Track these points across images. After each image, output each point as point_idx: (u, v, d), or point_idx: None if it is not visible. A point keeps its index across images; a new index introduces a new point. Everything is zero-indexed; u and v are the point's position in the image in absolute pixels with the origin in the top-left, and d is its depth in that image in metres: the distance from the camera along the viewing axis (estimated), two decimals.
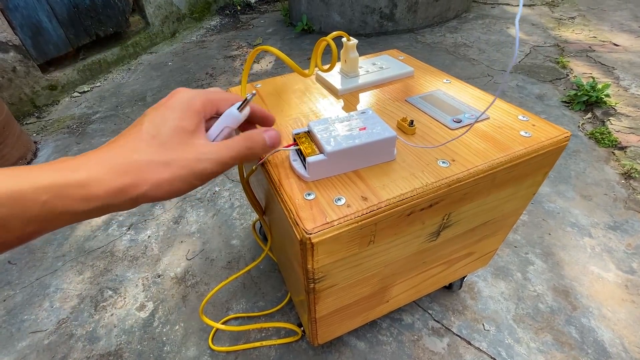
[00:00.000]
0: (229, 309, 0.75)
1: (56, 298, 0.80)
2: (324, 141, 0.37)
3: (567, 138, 0.44)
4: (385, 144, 0.38)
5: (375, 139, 0.37)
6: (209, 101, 0.29)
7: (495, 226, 0.54)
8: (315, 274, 0.37)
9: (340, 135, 0.37)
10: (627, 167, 1.00)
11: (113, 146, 0.24)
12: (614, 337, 0.64)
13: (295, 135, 0.40)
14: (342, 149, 0.36)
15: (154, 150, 0.24)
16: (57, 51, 1.76)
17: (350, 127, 0.39)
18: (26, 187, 0.19)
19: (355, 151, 0.37)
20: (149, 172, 0.23)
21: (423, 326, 0.69)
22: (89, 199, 0.21)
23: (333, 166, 0.38)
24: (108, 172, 0.22)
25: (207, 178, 0.26)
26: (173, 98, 0.28)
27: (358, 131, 0.38)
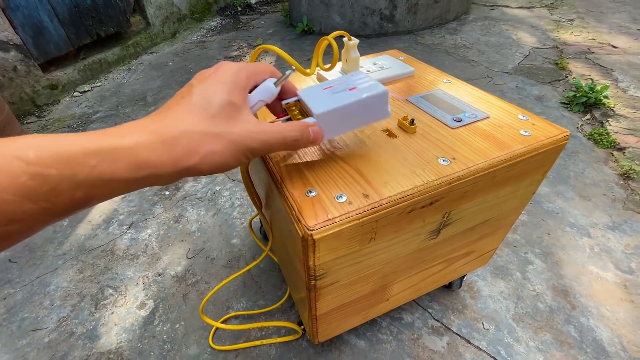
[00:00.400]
0: (230, 307, 0.75)
1: (57, 296, 0.81)
2: (312, 105, 0.35)
3: (566, 137, 0.44)
4: (376, 100, 0.36)
5: (365, 96, 0.35)
6: (252, 74, 0.29)
7: (495, 225, 0.54)
8: (317, 270, 0.38)
9: (329, 98, 0.36)
10: (626, 167, 1.01)
11: (161, 116, 0.24)
12: (612, 336, 0.65)
13: (285, 104, 0.38)
14: (330, 109, 0.34)
15: (205, 122, 0.24)
16: (58, 51, 1.77)
17: (339, 89, 0.37)
18: (75, 150, 0.19)
19: (346, 111, 0.35)
20: (201, 144, 0.23)
21: (423, 325, 0.69)
22: (139, 166, 0.21)
23: (325, 128, 0.35)
24: (158, 141, 0.22)
25: (253, 156, 0.26)
26: (220, 71, 0.27)
27: (347, 91, 0.36)
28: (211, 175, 0.34)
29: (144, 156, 0.21)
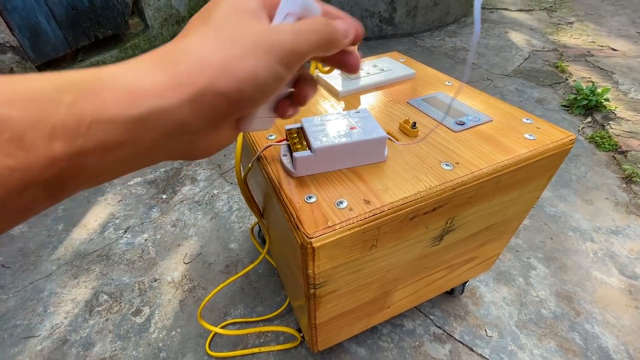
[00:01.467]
0: (227, 314, 0.74)
1: (50, 303, 0.79)
2: (312, 137, 0.37)
3: (572, 141, 0.43)
4: (374, 144, 0.38)
5: (363, 139, 0.37)
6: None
7: (498, 230, 0.53)
8: (316, 279, 0.36)
9: (330, 133, 0.37)
10: (628, 171, 1.00)
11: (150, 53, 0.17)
12: (618, 344, 0.63)
13: (287, 130, 0.40)
14: (328, 146, 0.36)
15: (208, 32, 0.18)
16: (56, 53, 1.76)
17: (341, 126, 0.38)
18: (43, 84, 0.13)
19: (343, 149, 0.37)
20: (209, 52, 0.16)
21: (424, 332, 0.67)
22: (131, 97, 0.14)
23: (320, 163, 0.37)
24: (152, 60, 0.16)
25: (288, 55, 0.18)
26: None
27: (348, 130, 0.38)
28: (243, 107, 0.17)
29: (136, 81, 0.15)
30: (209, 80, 0.16)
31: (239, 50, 0.17)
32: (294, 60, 0.18)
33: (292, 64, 0.18)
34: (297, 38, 0.18)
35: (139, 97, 0.14)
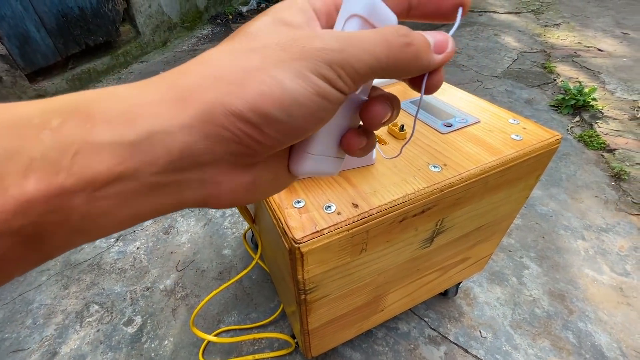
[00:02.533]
0: (221, 321, 0.73)
1: (40, 314, 0.77)
2: None
3: (558, 141, 0.43)
4: None
5: None
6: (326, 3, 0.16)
7: (489, 230, 0.53)
8: (306, 284, 0.36)
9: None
10: (617, 169, 1.02)
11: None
12: (611, 341, 0.64)
13: None
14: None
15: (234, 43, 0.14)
16: (46, 61, 1.74)
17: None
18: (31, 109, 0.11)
19: None
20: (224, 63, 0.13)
21: (419, 335, 0.67)
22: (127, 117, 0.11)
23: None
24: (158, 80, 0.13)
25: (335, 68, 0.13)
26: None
27: None
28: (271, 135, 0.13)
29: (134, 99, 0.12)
30: (218, 96, 0.12)
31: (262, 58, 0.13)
32: (345, 76, 0.13)
33: (344, 82, 0.13)
34: (351, 47, 0.13)
35: (136, 117, 0.11)
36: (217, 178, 0.14)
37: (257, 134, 0.13)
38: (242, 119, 0.12)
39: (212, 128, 0.12)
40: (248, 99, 0.12)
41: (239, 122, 0.12)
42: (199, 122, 0.12)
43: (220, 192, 0.14)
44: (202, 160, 0.12)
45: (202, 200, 0.14)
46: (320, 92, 0.13)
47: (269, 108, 0.12)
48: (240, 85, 0.12)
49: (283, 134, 0.13)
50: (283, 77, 0.12)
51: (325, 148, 0.17)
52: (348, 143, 0.17)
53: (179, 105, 0.12)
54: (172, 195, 0.13)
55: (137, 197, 0.12)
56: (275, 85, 0.12)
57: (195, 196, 0.14)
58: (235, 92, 0.12)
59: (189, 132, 0.12)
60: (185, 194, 0.13)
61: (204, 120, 0.12)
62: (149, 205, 0.12)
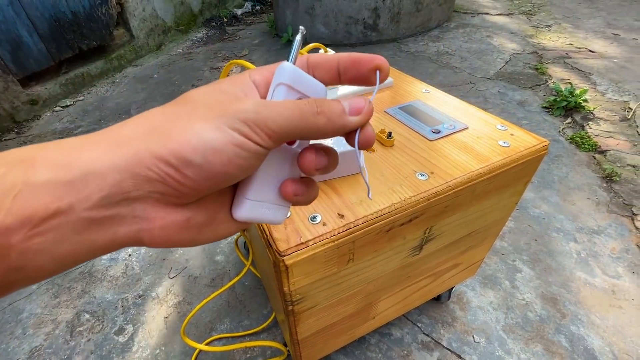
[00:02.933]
0: (213, 329, 0.72)
1: (29, 324, 0.76)
2: None
3: (545, 147, 0.43)
4: (348, 156, 0.37)
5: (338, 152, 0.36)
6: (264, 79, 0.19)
7: (479, 236, 0.53)
8: (293, 295, 0.36)
9: None
10: (608, 170, 1.02)
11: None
12: (603, 345, 0.64)
13: None
14: None
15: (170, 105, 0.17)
16: (39, 65, 1.73)
17: None
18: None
19: None
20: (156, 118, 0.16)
21: (412, 340, 0.67)
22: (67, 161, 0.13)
23: None
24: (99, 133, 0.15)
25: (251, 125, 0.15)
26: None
27: (322, 142, 0.37)
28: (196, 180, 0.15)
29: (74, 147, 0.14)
30: (147, 144, 0.14)
31: (189, 115, 0.15)
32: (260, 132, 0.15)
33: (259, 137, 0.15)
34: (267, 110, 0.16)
35: (74, 160, 0.13)
36: (148, 214, 0.15)
37: (178, 175, 0.14)
38: (165, 161, 0.14)
39: (140, 169, 0.14)
40: (170, 146, 0.14)
41: (162, 164, 0.14)
42: (128, 163, 0.14)
43: (153, 227, 0.16)
44: (132, 196, 0.14)
45: (135, 236, 0.15)
46: (235, 143, 0.15)
47: (188, 153, 0.14)
48: (166, 135, 0.15)
49: (203, 177, 0.15)
50: (202, 129, 0.15)
51: (265, 195, 0.19)
52: (284, 190, 0.19)
53: (113, 150, 0.14)
54: (106, 232, 0.14)
55: (73, 233, 0.13)
56: (194, 135, 0.15)
57: (128, 232, 0.15)
58: (161, 140, 0.14)
59: (119, 171, 0.14)
60: (119, 230, 0.15)
61: (133, 163, 0.14)
62: (85, 243, 0.14)
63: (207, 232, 0.18)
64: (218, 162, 0.15)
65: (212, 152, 0.15)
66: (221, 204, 0.18)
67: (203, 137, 0.15)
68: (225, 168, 0.15)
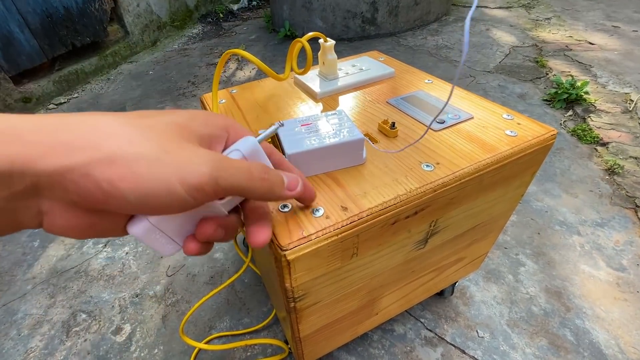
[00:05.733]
0: (212, 327, 0.71)
1: (24, 325, 0.75)
2: (286, 142, 0.35)
3: (553, 136, 0.42)
4: (351, 147, 0.36)
5: (340, 142, 0.35)
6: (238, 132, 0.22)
7: (485, 229, 0.52)
8: (295, 292, 0.34)
9: (304, 137, 0.35)
10: (610, 162, 1.01)
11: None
12: (609, 338, 0.63)
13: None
14: (303, 151, 0.34)
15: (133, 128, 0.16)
16: (31, 62, 1.70)
17: (316, 129, 0.37)
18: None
19: (319, 154, 0.35)
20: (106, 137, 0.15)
21: (415, 336, 0.66)
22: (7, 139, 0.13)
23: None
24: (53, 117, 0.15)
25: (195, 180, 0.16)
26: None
27: (324, 132, 0.36)
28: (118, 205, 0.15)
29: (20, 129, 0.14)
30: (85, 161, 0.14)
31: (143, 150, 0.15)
32: (205, 187, 0.16)
33: (200, 192, 0.16)
34: (219, 165, 0.17)
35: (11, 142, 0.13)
36: (53, 211, 0.15)
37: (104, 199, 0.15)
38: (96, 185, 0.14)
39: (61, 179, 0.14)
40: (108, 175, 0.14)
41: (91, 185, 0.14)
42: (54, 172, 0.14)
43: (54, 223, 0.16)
44: (43, 195, 0.15)
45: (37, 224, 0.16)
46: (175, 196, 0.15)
47: (125, 190, 0.14)
48: (109, 160, 0.14)
49: (126, 208, 0.15)
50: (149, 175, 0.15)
51: (166, 226, 0.19)
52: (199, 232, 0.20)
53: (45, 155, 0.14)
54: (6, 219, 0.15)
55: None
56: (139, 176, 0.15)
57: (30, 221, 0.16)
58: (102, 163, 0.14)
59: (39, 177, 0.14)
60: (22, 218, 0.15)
61: (58, 173, 0.14)
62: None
63: (106, 234, 0.18)
64: (148, 206, 0.15)
65: (147, 198, 0.15)
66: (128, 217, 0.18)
67: (146, 185, 0.15)
68: (153, 211, 0.16)
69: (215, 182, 0.16)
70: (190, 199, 0.16)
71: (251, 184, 0.18)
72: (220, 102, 0.54)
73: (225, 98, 0.56)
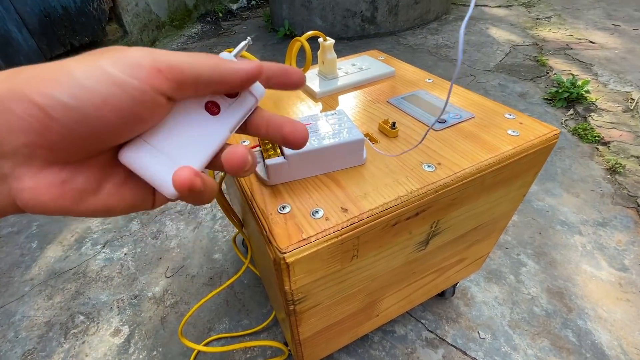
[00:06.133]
0: (211, 329, 0.70)
1: (22, 327, 0.74)
2: None
3: (556, 136, 0.41)
4: (351, 147, 0.35)
5: (339, 142, 0.34)
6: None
7: (486, 230, 0.51)
8: (294, 295, 0.34)
9: None
10: (612, 162, 1.01)
11: None
12: (611, 339, 0.62)
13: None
14: (303, 151, 0.33)
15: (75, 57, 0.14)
16: (29, 62, 1.69)
17: (316, 128, 0.36)
18: None
19: (319, 154, 0.34)
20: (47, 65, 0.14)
21: (416, 337, 0.65)
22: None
23: (295, 170, 0.35)
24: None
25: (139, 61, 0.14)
26: None
27: (324, 133, 0.35)
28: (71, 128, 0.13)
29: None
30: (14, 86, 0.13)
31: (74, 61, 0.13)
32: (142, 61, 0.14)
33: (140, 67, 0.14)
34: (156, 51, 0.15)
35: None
36: (18, 172, 0.14)
37: (44, 117, 0.13)
38: (31, 102, 0.12)
39: (3, 116, 0.12)
40: (37, 86, 0.13)
41: (28, 107, 0.12)
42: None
43: (23, 188, 0.14)
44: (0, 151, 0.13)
45: (8, 199, 0.14)
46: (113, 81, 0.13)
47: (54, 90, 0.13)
48: (38, 78, 0.13)
49: (73, 119, 0.13)
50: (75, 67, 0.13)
51: (170, 146, 0.16)
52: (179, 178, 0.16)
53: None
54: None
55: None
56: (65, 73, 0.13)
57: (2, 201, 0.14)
58: (31, 82, 0.13)
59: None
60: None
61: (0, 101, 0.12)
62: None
63: (90, 202, 0.15)
64: (91, 103, 0.13)
65: (82, 90, 0.13)
66: (108, 173, 0.16)
67: (74, 74, 0.13)
68: (98, 111, 0.13)
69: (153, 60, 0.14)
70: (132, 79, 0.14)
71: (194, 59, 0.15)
72: None
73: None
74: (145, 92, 0.14)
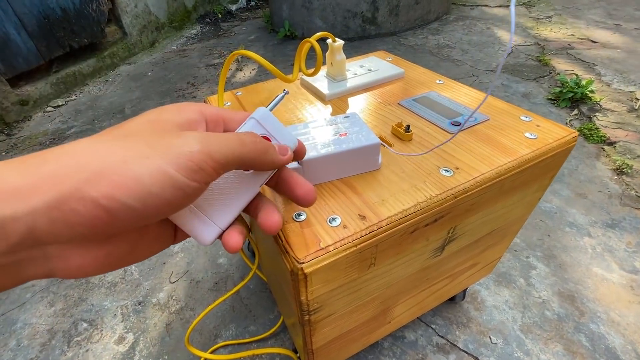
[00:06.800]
0: (218, 336, 0.69)
1: (24, 335, 0.73)
2: None
3: (574, 138, 0.40)
4: (367, 152, 0.34)
5: (355, 147, 0.33)
6: (215, 113, 0.21)
7: (500, 234, 0.50)
8: (310, 305, 0.33)
9: (318, 142, 0.34)
10: (619, 162, 1.00)
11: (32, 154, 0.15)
12: (625, 343, 0.61)
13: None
14: (317, 156, 0.32)
15: (104, 137, 0.16)
16: (28, 64, 1.67)
17: (330, 133, 0.35)
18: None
19: (333, 159, 0.33)
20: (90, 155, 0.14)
21: (427, 343, 0.64)
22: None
23: (309, 175, 0.34)
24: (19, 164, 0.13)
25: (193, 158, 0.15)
26: None
27: (338, 137, 0.34)
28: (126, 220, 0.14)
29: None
30: (75, 185, 0.13)
31: (125, 151, 0.14)
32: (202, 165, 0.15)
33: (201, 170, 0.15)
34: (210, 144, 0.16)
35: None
36: (63, 254, 0.14)
37: (109, 218, 0.13)
38: (98, 206, 0.13)
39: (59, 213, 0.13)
40: (107, 189, 0.13)
41: (94, 209, 0.13)
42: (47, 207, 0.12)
43: (69, 265, 0.15)
44: (45, 241, 0.13)
45: (47, 273, 0.15)
46: (176, 185, 0.15)
47: (123, 197, 0.13)
48: (101, 176, 0.13)
49: (136, 219, 0.14)
50: (141, 172, 0.14)
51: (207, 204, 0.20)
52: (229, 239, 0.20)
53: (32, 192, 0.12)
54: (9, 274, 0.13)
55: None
56: (134, 179, 0.14)
57: (38, 271, 0.14)
58: (94, 181, 0.13)
59: (33, 217, 0.12)
60: (27, 270, 0.14)
61: (52, 207, 0.13)
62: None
63: (127, 260, 0.17)
64: (154, 206, 0.14)
65: (151, 197, 0.14)
66: (143, 234, 0.18)
67: (142, 181, 0.14)
68: (159, 210, 0.15)
69: (209, 157, 0.16)
70: (192, 182, 0.15)
71: (245, 149, 0.18)
72: (226, 104, 0.52)
73: (230, 100, 0.54)
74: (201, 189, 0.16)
